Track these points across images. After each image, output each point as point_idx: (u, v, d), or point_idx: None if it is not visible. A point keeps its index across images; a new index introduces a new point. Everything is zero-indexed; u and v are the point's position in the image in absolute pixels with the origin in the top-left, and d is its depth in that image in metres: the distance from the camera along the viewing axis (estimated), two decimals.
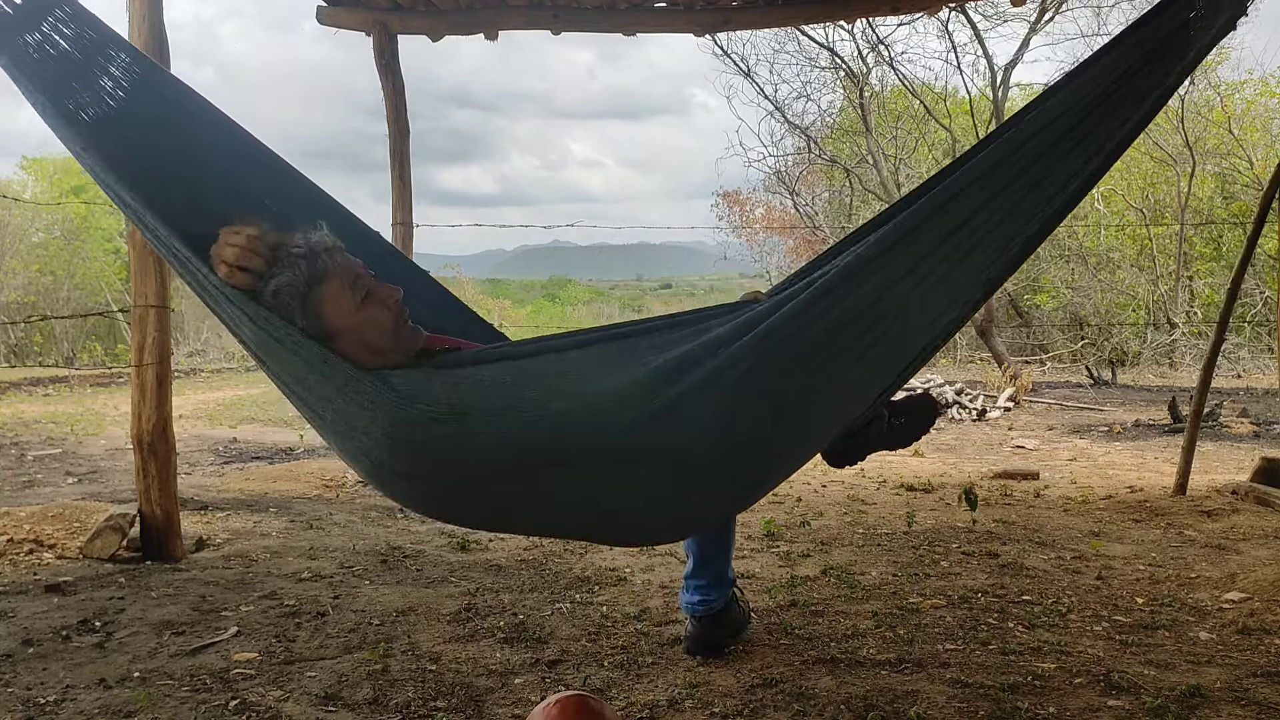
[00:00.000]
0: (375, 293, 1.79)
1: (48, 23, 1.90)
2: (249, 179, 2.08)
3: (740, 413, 1.70)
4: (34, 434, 7.40)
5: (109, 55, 1.97)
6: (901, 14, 8.37)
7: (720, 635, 2.58)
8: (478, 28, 5.29)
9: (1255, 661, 2.49)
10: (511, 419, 1.67)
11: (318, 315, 1.73)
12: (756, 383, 1.67)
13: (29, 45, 1.88)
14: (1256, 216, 4.56)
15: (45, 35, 1.90)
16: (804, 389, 1.73)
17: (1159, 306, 14.80)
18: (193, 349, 16.99)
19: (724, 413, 1.68)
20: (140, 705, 2.21)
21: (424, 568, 3.43)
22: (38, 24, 1.89)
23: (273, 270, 1.73)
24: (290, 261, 1.73)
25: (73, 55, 1.92)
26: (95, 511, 3.59)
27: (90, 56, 1.96)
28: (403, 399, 1.66)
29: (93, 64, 1.95)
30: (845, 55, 15.18)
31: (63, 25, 1.92)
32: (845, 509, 4.47)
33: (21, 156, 19.81)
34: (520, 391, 1.68)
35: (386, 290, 1.81)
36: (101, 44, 1.97)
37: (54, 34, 1.91)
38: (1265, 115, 15.04)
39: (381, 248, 2.29)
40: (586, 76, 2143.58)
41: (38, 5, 1.92)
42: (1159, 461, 6.07)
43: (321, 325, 1.73)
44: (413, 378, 1.70)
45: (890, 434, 2.42)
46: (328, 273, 1.74)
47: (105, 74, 1.95)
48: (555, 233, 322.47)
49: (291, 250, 1.74)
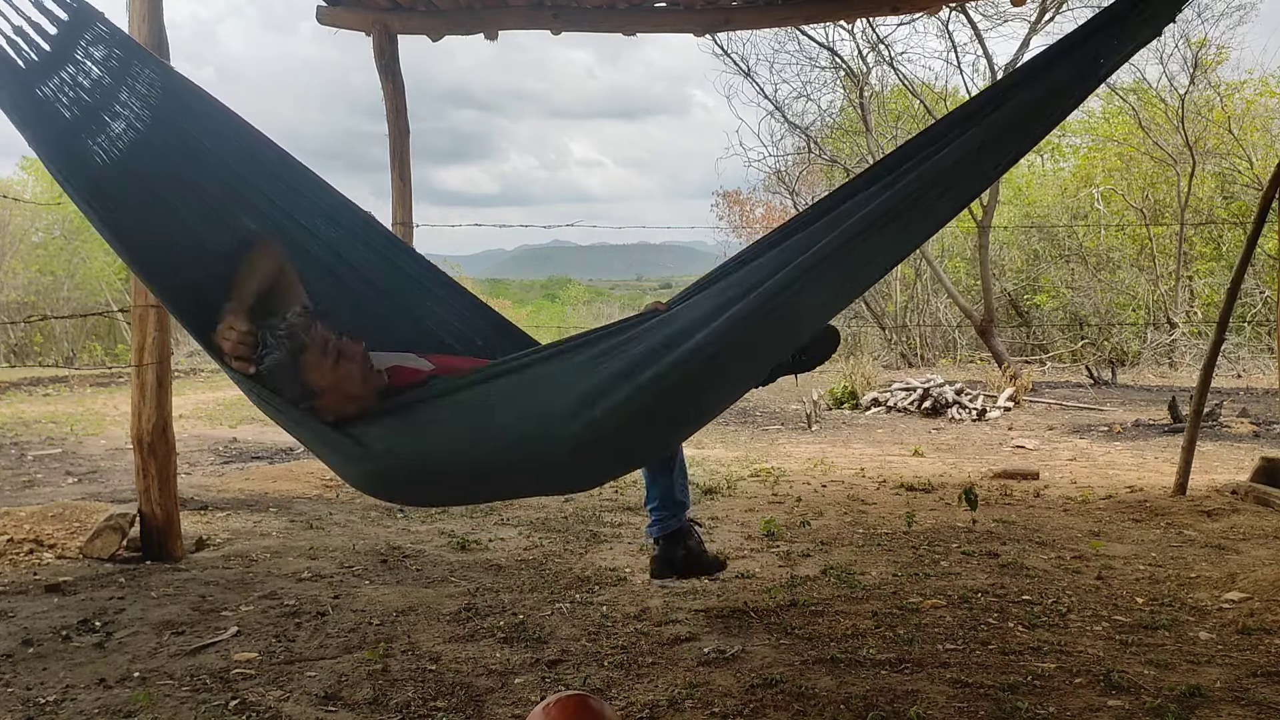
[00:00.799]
0: (344, 351, 2.10)
1: (80, 49, 2.10)
2: (260, 184, 2.28)
3: (658, 413, 2.04)
4: (34, 434, 7.40)
5: (135, 74, 2.15)
6: (901, 14, 8.37)
7: (677, 555, 2.84)
8: (478, 28, 5.29)
9: (1255, 661, 2.49)
10: (467, 456, 2.06)
11: (303, 380, 2.05)
12: (688, 382, 2.00)
13: (63, 84, 2.08)
14: (1256, 216, 4.57)
15: (78, 64, 2.10)
16: (721, 380, 2.11)
17: (1159, 306, 14.79)
18: (193, 349, 16.94)
19: (646, 415, 2.01)
20: (140, 705, 2.21)
21: (424, 568, 3.43)
22: (71, 54, 2.09)
23: (264, 351, 2.04)
24: (276, 342, 2.04)
25: (103, 82, 2.11)
26: (95, 511, 3.59)
27: (119, 79, 2.13)
28: (370, 454, 2.05)
29: (121, 87, 2.12)
30: (845, 55, 15.17)
31: (93, 48, 2.12)
32: (845, 509, 4.47)
33: (21, 156, 19.80)
34: (469, 430, 2.05)
35: (351, 348, 2.12)
36: (128, 62, 2.14)
37: (87, 60, 2.11)
38: (1265, 115, 15.03)
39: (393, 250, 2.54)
40: (585, 76, 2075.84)
41: (71, 32, 2.08)
42: (1159, 461, 6.07)
43: (307, 387, 2.05)
44: (374, 433, 2.06)
45: (795, 365, 2.72)
46: (305, 346, 2.05)
47: (134, 95, 2.14)
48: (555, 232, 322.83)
49: (277, 333, 2.05)
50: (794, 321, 2.10)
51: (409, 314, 2.51)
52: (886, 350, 16.42)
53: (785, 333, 2.12)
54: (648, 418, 2.02)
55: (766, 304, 2.00)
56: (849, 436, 7.72)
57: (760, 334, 2.04)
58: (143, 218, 2.13)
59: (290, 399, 2.05)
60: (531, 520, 4.20)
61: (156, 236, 2.14)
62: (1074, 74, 2.07)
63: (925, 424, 8.44)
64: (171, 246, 2.16)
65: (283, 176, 2.31)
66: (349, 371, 2.09)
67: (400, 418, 2.11)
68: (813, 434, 7.89)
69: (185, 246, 2.18)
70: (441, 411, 2.08)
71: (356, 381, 2.10)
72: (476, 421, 2.05)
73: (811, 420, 8.46)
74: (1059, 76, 2.07)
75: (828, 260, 2.01)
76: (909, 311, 17.40)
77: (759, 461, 6.15)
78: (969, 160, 2.06)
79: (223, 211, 2.22)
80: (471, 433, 2.05)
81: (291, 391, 2.05)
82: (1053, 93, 2.07)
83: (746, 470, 5.72)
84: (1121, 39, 2.06)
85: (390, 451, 2.06)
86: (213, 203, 2.20)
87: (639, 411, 1.98)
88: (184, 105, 2.18)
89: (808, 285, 2.02)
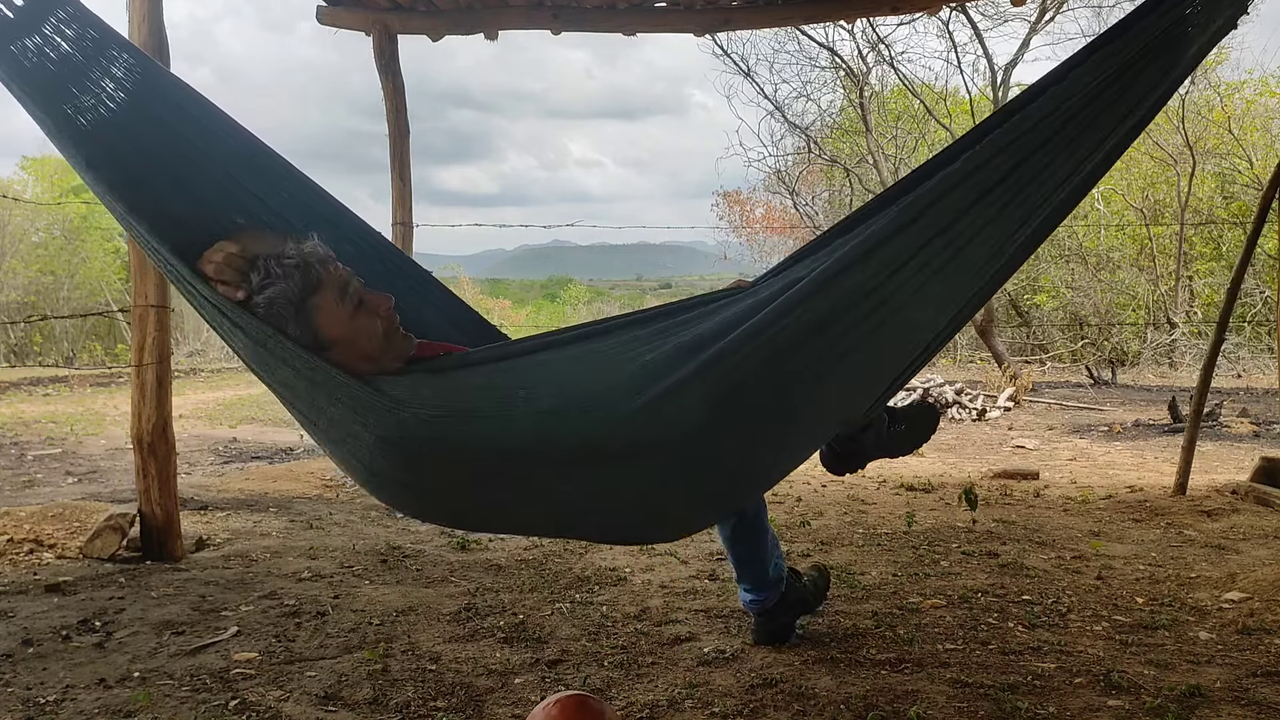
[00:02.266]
0: (367, 301, 1.80)
1: (49, 24, 1.87)
2: (250, 184, 2.05)
3: (730, 409, 1.69)
4: (34, 434, 7.40)
5: (111, 57, 1.92)
6: (901, 14, 8.36)
7: (779, 625, 2.64)
8: (478, 28, 5.29)
9: (1255, 661, 2.49)
10: (501, 421, 1.68)
11: (311, 325, 1.74)
12: (747, 378, 1.66)
13: (27, 50, 1.85)
14: (1256, 216, 4.56)
15: (46, 38, 1.86)
16: (798, 383, 1.72)
17: (1159, 306, 14.79)
18: (193, 349, 16.97)
19: (714, 409, 1.67)
20: (140, 705, 2.21)
21: (424, 567, 3.43)
22: (38, 26, 1.85)
23: (266, 280, 1.73)
24: (284, 272, 1.73)
25: (73, 58, 1.88)
26: (95, 511, 3.59)
27: (91, 58, 1.92)
28: (393, 404, 1.67)
29: (93, 66, 1.91)
30: (845, 55, 15.18)
31: (65, 26, 1.89)
32: (845, 509, 4.47)
33: (21, 156, 19.84)
34: (508, 393, 1.69)
35: (378, 299, 1.81)
36: (104, 45, 1.94)
37: (55, 36, 1.88)
38: (1265, 115, 15.03)
39: (388, 253, 2.28)
40: (583, 76, 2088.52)
41: (39, 6, 1.90)
42: (1159, 461, 6.07)
43: (315, 335, 1.74)
44: (403, 384, 1.71)
45: (890, 440, 2.40)
46: (321, 283, 1.74)
47: (107, 76, 1.90)
48: (555, 232, 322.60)
49: (284, 261, 1.73)
50: (889, 310, 1.71)
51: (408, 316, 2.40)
52: None
53: (880, 327, 1.72)
54: (717, 411, 1.67)
55: (847, 278, 1.65)
56: None
57: (850, 323, 1.68)
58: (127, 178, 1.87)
59: (294, 339, 1.72)
60: None
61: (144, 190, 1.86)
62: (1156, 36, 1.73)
63: None
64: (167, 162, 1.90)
65: (272, 176, 2.09)
66: (368, 326, 1.77)
67: (430, 374, 1.78)
68: None
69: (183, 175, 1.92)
70: (476, 375, 1.73)
71: (376, 340, 1.78)
72: (518, 384, 1.69)
73: None
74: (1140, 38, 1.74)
75: (917, 232, 1.67)
76: None
77: None
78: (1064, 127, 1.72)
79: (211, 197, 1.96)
80: (512, 395, 1.68)
81: (295, 331, 1.73)
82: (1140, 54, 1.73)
83: None
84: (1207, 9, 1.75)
85: (413, 401, 1.68)
86: (196, 193, 1.95)
87: (706, 397, 1.64)
88: (164, 96, 1.97)
89: (916, 265, 1.67)
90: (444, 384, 1.73)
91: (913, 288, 1.70)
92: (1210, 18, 1.80)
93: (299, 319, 1.73)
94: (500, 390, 1.69)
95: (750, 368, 1.65)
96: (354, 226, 2.18)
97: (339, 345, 1.75)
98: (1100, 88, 1.73)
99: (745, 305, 1.69)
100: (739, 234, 21.21)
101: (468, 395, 1.70)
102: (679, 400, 1.64)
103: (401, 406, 1.67)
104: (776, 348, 1.65)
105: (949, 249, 1.70)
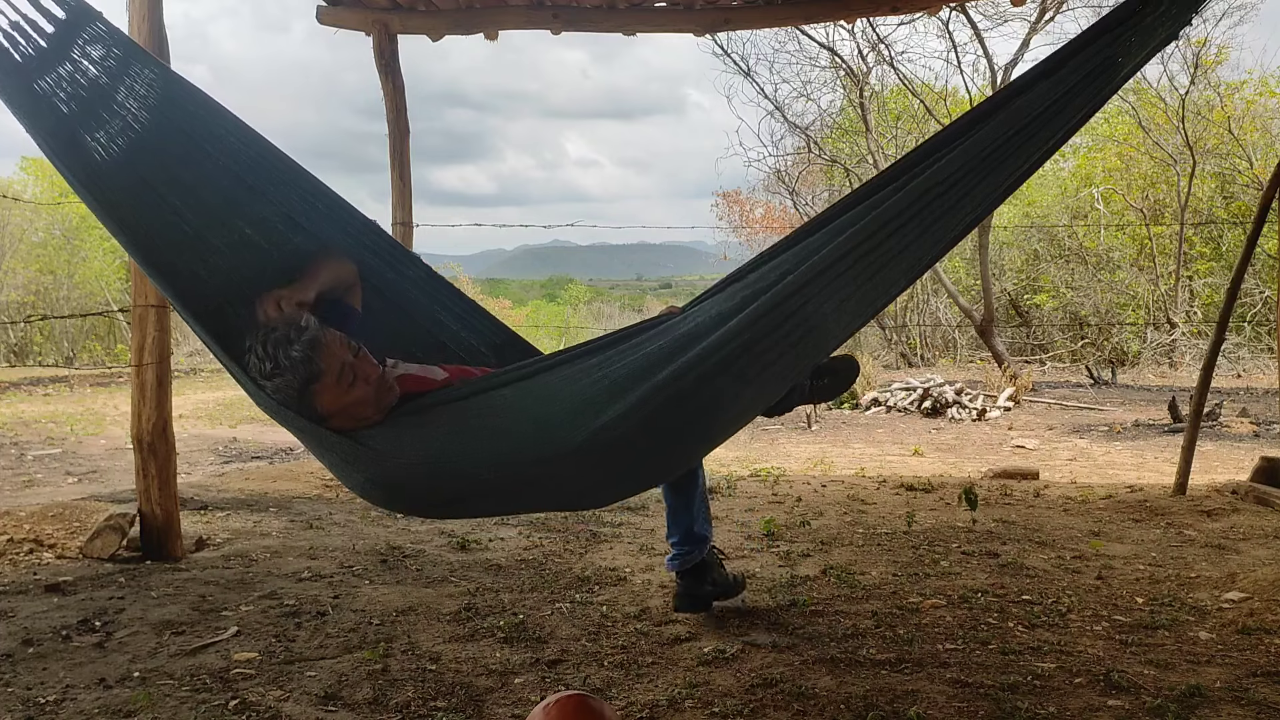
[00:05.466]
0: (359, 373, 2.00)
1: (77, 48, 2.06)
2: (276, 206, 2.24)
3: (663, 425, 1.96)
4: (34, 434, 7.40)
5: (135, 74, 2.10)
6: (901, 14, 8.37)
7: (704, 591, 2.80)
8: (478, 28, 5.29)
9: (1255, 661, 2.49)
10: (470, 458, 1.98)
11: (311, 406, 1.98)
12: (682, 400, 1.92)
13: (41, 90, 2.03)
14: (1256, 216, 4.57)
15: (75, 63, 2.06)
16: (738, 388, 2.00)
17: (1159, 306, 14.79)
18: (193, 349, 16.96)
19: (648, 432, 1.94)
20: (140, 705, 2.21)
21: (424, 567, 3.43)
22: (61, 62, 2.04)
23: (275, 370, 1.95)
24: (290, 365, 1.94)
25: (99, 81, 2.07)
26: (95, 511, 3.58)
27: (116, 78, 2.09)
28: (378, 457, 1.97)
29: (119, 87, 2.08)
30: (845, 55, 15.18)
31: (91, 47, 2.07)
32: (845, 509, 4.47)
33: (21, 157, 19.80)
34: (476, 429, 1.98)
35: (368, 369, 2.02)
36: (128, 62, 2.10)
37: (83, 60, 2.07)
38: (1265, 115, 15.03)
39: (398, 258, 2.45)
40: (580, 76, 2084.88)
41: (62, 40, 2.04)
42: (1159, 461, 6.07)
43: (315, 413, 1.98)
44: (387, 436, 1.99)
45: (814, 392, 2.69)
46: (321, 373, 1.96)
47: (132, 95, 2.09)
48: (555, 232, 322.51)
49: (291, 353, 1.94)
50: (810, 330, 2.00)
51: (418, 324, 2.45)
52: (886, 350, 16.43)
53: (801, 343, 2.01)
54: (652, 431, 1.94)
55: (780, 306, 1.93)
56: (849, 436, 7.73)
57: (775, 342, 1.97)
58: (145, 215, 2.09)
59: (296, 411, 1.98)
60: (531, 520, 4.20)
61: (160, 234, 2.10)
62: (1087, 74, 2.00)
63: (925, 424, 8.44)
64: (177, 245, 2.12)
65: (289, 183, 2.24)
66: (363, 395, 2.00)
67: (406, 423, 2.03)
68: (813, 434, 7.90)
69: (191, 248, 2.13)
70: (445, 416, 2.01)
71: (370, 405, 2.02)
72: (479, 427, 1.98)
73: (811, 420, 8.46)
74: (1071, 76, 2.00)
75: (842, 262, 1.95)
76: (909, 311, 17.41)
77: (759, 461, 6.15)
78: (982, 162, 1.99)
79: (225, 216, 2.16)
80: (474, 439, 1.98)
81: (298, 408, 1.98)
82: (1069, 92, 2.00)
83: (746, 470, 5.72)
84: (1140, 37, 1.99)
85: (393, 454, 1.98)
86: (214, 208, 2.15)
87: (643, 423, 1.91)
88: (184, 109, 2.13)
89: (823, 288, 1.95)
90: (422, 431, 2.00)
91: (832, 307, 1.99)
92: (1144, 42, 2.01)
93: (302, 401, 1.97)
94: (468, 428, 1.99)
95: (701, 384, 1.92)
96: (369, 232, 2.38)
97: (336, 416, 2.00)
98: (1033, 119, 1.99)
99: (690, 330, 1.96)
100: (739, 234, 21.22)
101: (440, 440, 1.99)
102: (616, 428, 1.90)
103: (384, 458, 1.98)
104: (703, 374, 1.92)
105: (869, 270, 1.99)
